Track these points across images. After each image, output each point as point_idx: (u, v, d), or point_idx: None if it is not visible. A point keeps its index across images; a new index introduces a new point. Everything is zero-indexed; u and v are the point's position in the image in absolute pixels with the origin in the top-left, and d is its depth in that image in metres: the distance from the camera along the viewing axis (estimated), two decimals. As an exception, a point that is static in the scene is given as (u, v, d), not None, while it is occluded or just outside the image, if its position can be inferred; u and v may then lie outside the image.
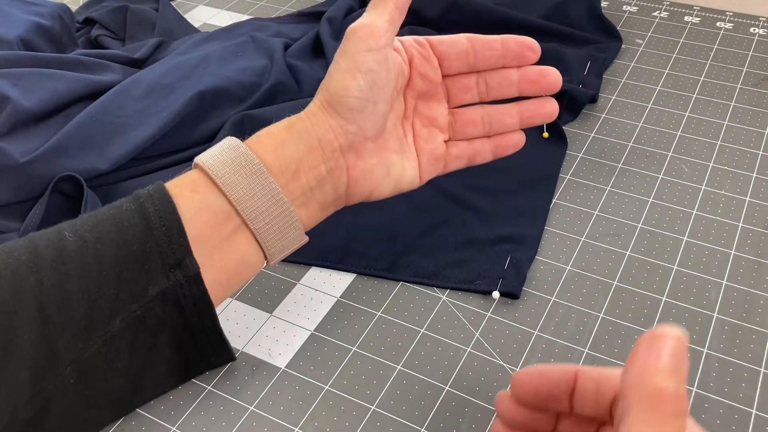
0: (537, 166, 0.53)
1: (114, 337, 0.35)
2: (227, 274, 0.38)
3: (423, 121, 0.43)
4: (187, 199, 0.37)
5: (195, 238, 0.36)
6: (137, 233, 0.35)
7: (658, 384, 0.23)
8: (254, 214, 0.37)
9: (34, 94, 0.54)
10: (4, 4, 0.65)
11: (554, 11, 0.68)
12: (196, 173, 0.38)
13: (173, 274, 0.35)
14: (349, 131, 0.39)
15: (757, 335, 0.41)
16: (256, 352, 0.42)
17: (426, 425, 0.38)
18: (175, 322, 0.36)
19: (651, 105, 0.59)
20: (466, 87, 0.43)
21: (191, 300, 0.36)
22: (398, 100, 0.42)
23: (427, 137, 0.43)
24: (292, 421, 0.38)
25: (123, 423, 0.38)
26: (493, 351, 0.41)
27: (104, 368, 0.35)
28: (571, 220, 0.49)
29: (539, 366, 0.30)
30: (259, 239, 0.38)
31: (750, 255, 0.46)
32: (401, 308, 0.44)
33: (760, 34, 0.67)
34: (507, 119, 0.43)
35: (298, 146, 0.38)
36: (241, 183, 0.37)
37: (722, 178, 0.52)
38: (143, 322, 0.35)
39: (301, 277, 0.46)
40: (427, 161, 0.43)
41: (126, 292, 0.35)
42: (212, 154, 0.38)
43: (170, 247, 0.35)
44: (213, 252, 0.37)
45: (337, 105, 0.38)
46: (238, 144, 0.38)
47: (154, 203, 0.36)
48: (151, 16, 0.71)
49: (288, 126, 0.39)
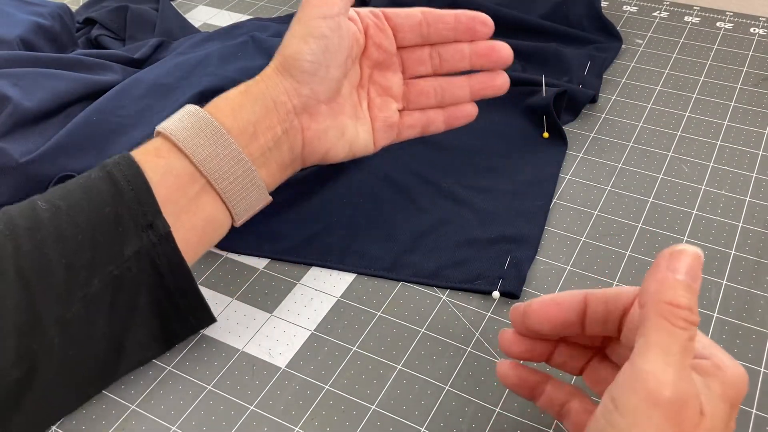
0: (537, 166, 0.53)
1: (93, 297, 0.36)
2: (197, 233, 0.39)
3: (378, 90, 0.46)
4: (152, 164, 0.38)
5: (163, 201, 0.37)
6: (107, 198, 0.37)
7: (673, 296, 0.26)
8: (218, 174, 0.39)
9: (34, 94, 0.54)
10: (4, 4, 0.65)
11: (554, 11, 0.68)
12: (159, 140, 0.40)
13: (146, 234, 0.37)
14: (303, 93, 0.41)
15: (757, 335, 0.41)
16: (256, 352, 0.42)
17: (426, 425, 0.38)
18: (151, 281, 0.38)
19: (651, 105, 0.59)
20: (420, 59, 0.45)
21: (165, 258, 0.37)
22: (354, 68, 0.44)
23: (382, 105, 0.46)
24: (292, 420, 0.38)
25: (123, 422, 0.38)
26: (493, 351, 0.41)
27: (87, 329, 0.36)
28: (571, 220, 0.49)
29: (549, 296, 0.33)
30: (224, 199, 0.40)
31: (750, 255, 0.46)
32: (401, 308, 0.44)
33: (760, 34, 0.67)
34: (458, 91, 0.46)
35: (255, 108, 0.41)
36: (203, 145, 0.39)
37: (722, 178, 0.52)
38: (120, 282, 0.37)
39: (301, 277, 0.46)
40: (381, 128, 0.46)
41: (102, 254, 0.36)
42: (173, 121, 0.40)
43: (140, 209, 0.37)
44: (181, 213, 0.38)
45: (291, 68, 0.41)
46: (197, 110, 0.40)
47: (121, 169, 0.38)
48: (151, 16, 0.71)
49: (244, 90, 0.41)
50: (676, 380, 0.25)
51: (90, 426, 0.38)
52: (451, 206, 0.50)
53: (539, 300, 0.33)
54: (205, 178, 0.39)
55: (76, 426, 0.38)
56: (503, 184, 0.52)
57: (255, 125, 0.40)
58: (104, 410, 0.39)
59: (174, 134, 0.39)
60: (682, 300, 0.26)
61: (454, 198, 0.50)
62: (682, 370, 0.25)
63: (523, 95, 0.58)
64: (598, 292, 0.32)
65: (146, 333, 0.39)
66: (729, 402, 0.27)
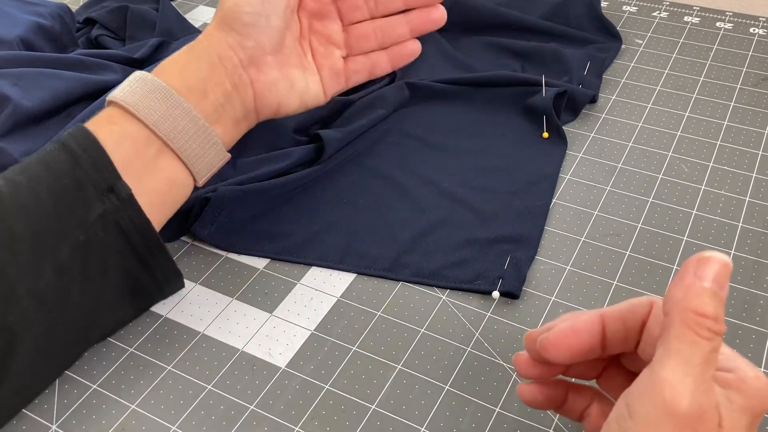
0: (537, 166, 0.53)
1: (64, 264, 0.37)
2: (160, 195, 0.40)
3: (319, 39, 0.47)
4: (106, 131, 0.39)
5: (121, 165, 0.38)
6: (65, 167, 0.37)
7: (698, 304, 0.25)
8: (173, 134, 0.40)
9: (35, 94, 0.54)
10: (4, 4, 0.65)
11: (554, 11, 0.68)
12: (110, 108, 0.40)
13: (107, 198, 0.38)
14: (247, 46, 0.42)
15: (757, 335, 0.41)
16: (256, 352, 0.42)
17: (426, 425, 0.38)
18: (119, 244, 0.38)
19: (651, 105, 0.59)
20: (356, 4, 0.46)
21: (129, 220, 0.38)
22: (293, 19, 0.45)
23: (325, 53, 0.47)
24: (292, 420, 0.38)
25: (123, 422, 0.38)
26: (493, 351, 0.41)
27: (61, 297, 0.37)
28: (571, 220, 0.49)
29: (565, 325, 0.31)
30: (182, 158, 0.40)
31: (750, 255, 0.46)
32: (401, 308, 0.44)
33: (759, 34, 0.67)
34: (398, 29, 0.47)
35: (200, 65, 0.41)
36: (155, 107, 0.39)
37: (722, 178, 0.52)
38: (89, 248, 0.37)
39: (301, 277, 0.46)
40: (328, 76, 0.47)
41: (66, 221, 0.37)
42: (122, 88, 0.40)
43: (99, 174, 0.37)
44: (141, 176, 0.39)
45: (232, 21, 0.42)
46: (144, 74, 0.41)
47: (76, 139, 0.38)
48: (152, 16, 0.71)
49: (188, 49, 0.42)
50: (694, 391, 0.24)
51: (90, 426, 0.38)
52: (451, 206, 0.50)
53: (555, 332, 0.30)
54: (161, 140, 0.40)
55: (76, 426, 0.38)
56: (503, 184, 0.52)
57: (204, 82, 0.41)
58: (104, 410, 0.39)
59: (124, 100, 0.39)
60: (708, 309, 0.25)
61: (454, 198, 0.50)
62: (702, 381, 0.25)
63: (523, 95, 0.58)
64: (614, 311, 0.30)
65: (117, 294, 0.40)
66: (751, 414, 0.26)
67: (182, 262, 0.48)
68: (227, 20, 0.42)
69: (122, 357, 0.42)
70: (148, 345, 0.42)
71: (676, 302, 0.26)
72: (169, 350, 0.42)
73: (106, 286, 0.39)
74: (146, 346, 0.42)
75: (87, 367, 0.41)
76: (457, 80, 0.60)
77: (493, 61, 0.64)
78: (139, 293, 0.41)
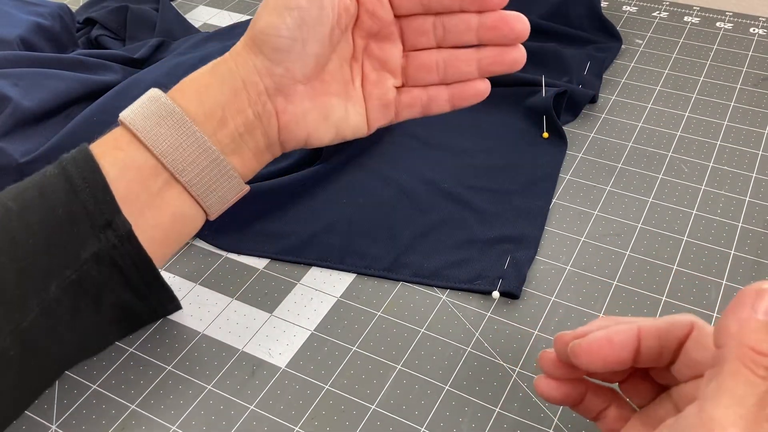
0: (537, 166, 0.53)
1: (51, 303, 0.34)
2: (163, 230, 0.37)
3: (374, 64, 0.40)
4: (110, 157, 0.35)
5: (123, 197, 0.35)
6: (62, 197, 0.34)
7: (756, 341, 0.24)
8: (182, 167, 0.36)
9: (35, 94, 0.54)
10: (4, 4, 0.65)
11: (554, 11, 0.68)
12: (119, 130, 0.37)
13: (104, 235, 0.34)
14: (276, 73, 0.37)
15: (757, 335, 0.41)
16: (256, 352, 0.42)
17: (426, 425, 0.38)
18: (114, 282, 0.35)
19: (651, 105, 0.59)
20: (422, 29, 0.39)
21: (129, 259, 0.35)
22: (344, 40, 0.39)
23: (377, 81, 0.40)
24: (292, 420, 0.38)
25: (123, 422, 0.38)
26: (493, 351, 0.41)
27: (47, 336, 0.34)
28: (571, 220, 0.49)
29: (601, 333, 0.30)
30: (191, 192, 0.37)
31: (750, 255, 0.46)
32: (401, 308, 0.44)
33: (759, 34, 0.67)
34: (464, 66, 0.40)
35: (222, 89, 0.37)
36: (165, 135, 0.36)
37: (722, 178, 0.52)
38: (81, 286, 0.34)
39: (301, 277, 0.46)
40: (376, 107, 0.40)
41: (57, 257, 0.34)
42: (134, 108, 0.37)
43: (97, 208, 0.34)
44: (144, 209, 0.36)
45: (262, 44, 0.36)
46: (159, 95, 0.37)
47: (77, 165, 0.35)
48: (151, 16, 0.71)
49: (211, 68, 0.38)
50: None
51: (90, 426, 0.38)
52: (451, 206, 0.50)
53: (590, 341, 0.30)
54: (169, 171, 0.36)
55: (76, 426, 0.38)
56: (503, 184, 0.52)
57: (224, 108, 0.37)
58: (104, 410, 0.39)
59: (133, 124, 0.36)
60: (766, 346, 0.23)
61: (454, 198, 0.50)
62: (754, 423, 0.23)
63: (523, 95, 0.58)
64: (651, 327, 0.29)
65: (109, 325, 0.38)
66: None
67: (182, 262, 0.48)
68: (258, 42, 0.36)
69: (122, 357, 0.42)
70: (148, 345, 0.42)
71: (731, 335, 0.24)
72: (169, 350, 0.42)
73: (97, 321, 0.37)
74: (146, 346, 0.42)
75: (87, 367, 0.41)
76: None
77: (493, 61, 0.64)
78: (132, 320, 0.39)
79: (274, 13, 0.36)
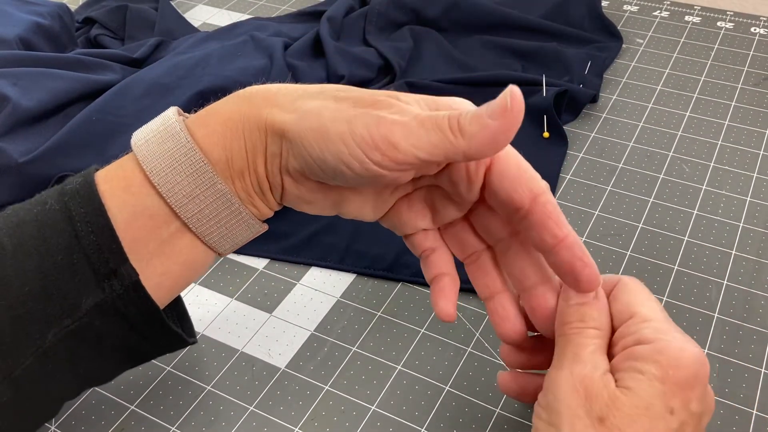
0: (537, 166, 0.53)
1: (48, 351, 0.31)
2: (171, 278, 0.33)
3: (425, 199, 0.34)
4: (119, 200, 0.32)
5: (130, 244, 0.31)
6: (62, 241, 0.31)
7: None
8: (198, 218, 0.32)
9: (34, 93, 0.54)
10: (3, 4, 0.64)
11: (555, 11, 0.68)
12: (129, 165, 0.32)
13: (108, 284, 0.31)
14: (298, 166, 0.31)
15: (758, 335, 0.41)
16: (256, 352, 0.42)
17: (426, 425, 0.38)
18: (118, 330, 0.33)
19: (651, 105, 0.59)
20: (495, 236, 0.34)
21: (134, 308, 0.32)
22: None
23: (417, 211, 0.34)
24: (292, 421, 0.38)
25: (123, 422, 0.38)
26: (493, 351, 0.41)
27: (42, 382, 0.32)
28: (571, 220, 0.49)
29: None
30: (206, 241, 0.33)
31: (750, 255, 0.46)
32: (401, 308, 0.44)
33: (760, 33, 0.67)
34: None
35: (241, 143, 0.32)
36: (182, 183, 0.31)
37: (723, 178, 0.52)
38: (80, 336, 0.32)
39: (301, 277, 0.46)
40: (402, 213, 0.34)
41: (54, 307, 0.31)
42: (148, 139, 0.32)
43: (101, 257, 0.31)
44: (152, 257, 0.32)
45: (307, 170, 0.31)
46: (177, 131, 0.31)
47: (81, 204, 0.31)
48: (151, 16, 0.71)
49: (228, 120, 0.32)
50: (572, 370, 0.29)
51: (90, 426, 0.38)
52: (451, 206, 0.50)
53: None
54: (182, 221, 0.32)
55: (75, 426, 0.38)
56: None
57: (242, 163, 0.32)
58: (104, 410, 0.39)
59: (147, 163, 0.31)
60: None
61: (455, 198, 0.50)
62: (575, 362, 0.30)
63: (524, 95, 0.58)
64: None
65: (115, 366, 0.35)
66: (671, 383, 0.28)
67: (182, 262, 0.47)
68: (305, 172, 0.31)
69: (122, 357, 0.42)
70: (148, 345, 0.42)
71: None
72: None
73: (98, 365, 0.34)
74: (146, 347, 0.42)
75: (86, 367, 0.41)
76: (457, 80, 0.60)
77: (494, 61, 0.64)
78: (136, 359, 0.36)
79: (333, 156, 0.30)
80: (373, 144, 0.28)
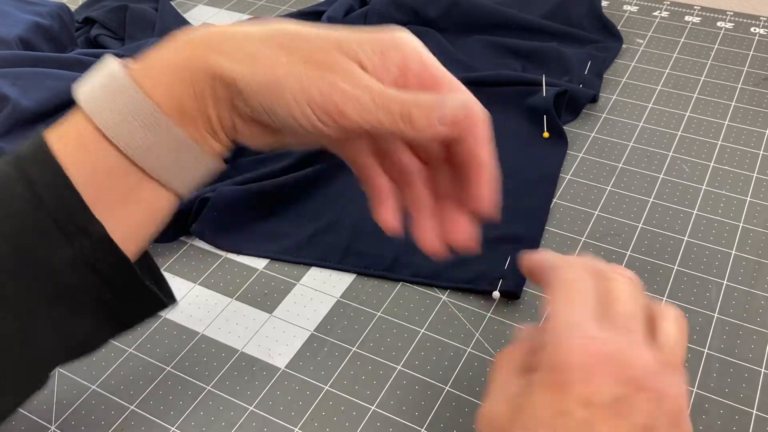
0: (537, 166, 0.53)
1: (25, 311, 0.32)
2: (137, 227, 0.34)
3: None
4: (76, 161, 0.32)
5: (93, 200, 0.32)
6: (25, 206, 0.31)
7: None
8: (157, 167, 0.33)
9: (33, 93, 0.54)
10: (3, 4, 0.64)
11: (554, 11, 0.68)
12: (81, 123, 0.32)
13: (77, 239, 0.32)
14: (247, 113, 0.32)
15: (758, 335, 0.41)
16: (256, 352, 0.42)
17: (426, 425, 0.38)
18: (91, 286, 0.33)
19: (651, 105, 0.59)
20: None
21: (104, 262, 0.33)
22: None
23: None
24: (292, 421, 0.38)
25: (123, 422, 0.38)
26: (493, 351, 0.41)
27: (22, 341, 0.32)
28: (571, 220, 0.49)
29: None
30: (168, 187, 0.34)
31: (750, 255, 0.46)
32: (401, 308, 0.44)
33: (760, 33, 0.67)
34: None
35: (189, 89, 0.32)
36: (137, 134, 0.32)
37: (723, 178, 0.52)
38: (55, 293, 0.32)
39: (301, 277, 0.46)
40: None
41: (27, 268, 0.31)
42: (95, 92, 0.32)
43: (68, 218, 0.32)
44: (115, 210, 0.33)
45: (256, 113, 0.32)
46: (127, 85, 0.32)
47: (38, 168, 0.31)
48: (151, 16, 0.71)
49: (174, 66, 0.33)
50: None
51: (89, 426, 0.38)
52: (451, 206, 0.50)
53: None
54: (142, 171, 0.33)
55: (75, 426, 0.38)
56: (503, 183, 0.51)
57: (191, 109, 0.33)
58: (104, 410, 0.39)
59: (98, 118, 0.32)
60: None
61: (454, 198, 0.50)
62: None
63: (524, 95, 0.58)
64: None
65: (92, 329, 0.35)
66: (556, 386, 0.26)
67: (182, 262, 0.47)
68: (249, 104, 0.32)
69: (122, 357, 0.42)
70: (148, 345, 0.42)
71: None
72: (169, 351, 0.42)
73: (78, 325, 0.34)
74: (146, 347, 0.42)
75: (87, 367, 0.41)
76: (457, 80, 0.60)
77: (494, 61, 0.64)
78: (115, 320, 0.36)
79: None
80: (324, 109, 0.30)
